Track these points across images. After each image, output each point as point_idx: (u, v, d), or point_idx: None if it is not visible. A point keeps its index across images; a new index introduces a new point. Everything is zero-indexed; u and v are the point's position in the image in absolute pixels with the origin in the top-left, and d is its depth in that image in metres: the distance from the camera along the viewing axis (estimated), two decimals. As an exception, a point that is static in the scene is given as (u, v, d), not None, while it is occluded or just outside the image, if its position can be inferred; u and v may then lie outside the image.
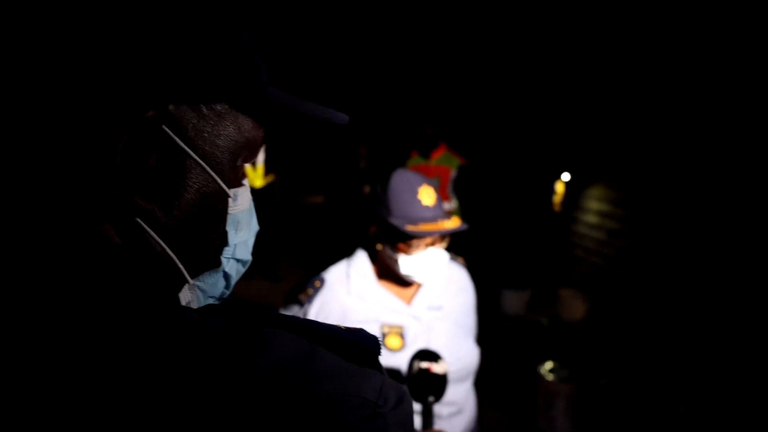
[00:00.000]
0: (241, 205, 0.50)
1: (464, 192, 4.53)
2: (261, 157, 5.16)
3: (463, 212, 4.56)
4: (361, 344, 0.44)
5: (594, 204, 4.72)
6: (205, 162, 0.45)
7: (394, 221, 1.30)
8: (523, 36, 5.32)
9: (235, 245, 0.51)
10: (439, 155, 4.45)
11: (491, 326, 4.31)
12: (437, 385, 1.14)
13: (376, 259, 1.43)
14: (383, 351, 1.31)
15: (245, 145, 0.49)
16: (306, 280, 1.41)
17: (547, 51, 5.13)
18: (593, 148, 4.77)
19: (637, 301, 4.00)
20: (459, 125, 6.14)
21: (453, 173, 4.43)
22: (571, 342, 4.07)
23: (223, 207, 0.48)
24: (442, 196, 4.38)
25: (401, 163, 4.59)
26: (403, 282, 1.41)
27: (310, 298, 1.35)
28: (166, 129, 0.43)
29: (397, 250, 1.33)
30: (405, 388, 0.46)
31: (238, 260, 0.52)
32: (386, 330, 1.33)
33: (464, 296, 1.50)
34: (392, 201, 1.32)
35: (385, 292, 1.39)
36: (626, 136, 4.33)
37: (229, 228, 0.49)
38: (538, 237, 5.45)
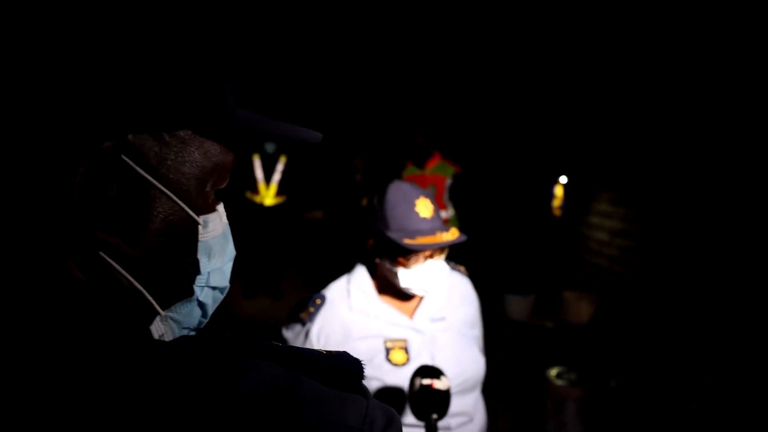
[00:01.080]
0: (213, 232, 0.49)
1: (461, 200, 4.53)
2: (277, 177, 5.23)
3: (460, 220, 4.55)
4: (344, 368, 0.43)
5: (595, 204, 4.71)
6: (169, 190, 0.44)
7: (392, 235, 1.28)
8: (513, 40, 5.35)
9: (209, 273, 0.49)
10: (434, 164, 4.46)
11: (497, 332, 4.29)
12: (440, 401, 1.11)
13: (375, 272, 1.41)
14: (388, 366, 1.29)
15: (213, 170, 0.47)
16: (307, 299, 1.40)
17: (539, 55, 5.15)
18: (591, 150, 4.77)
19: (643, 299, 3.98)
20: (452, 133, 6.15)
21: (448, 182, 4.44)
22: (578, 344, 4.04)
23: (193, 235, 0.47)
24: (438, 204, 4.37)
25: (397, 173, 4.59)
26: (404, 295, 1.39)
27: (311, 316, 1.34)
28: (126, 159, 0.42)
29: (395, 263, 1.32)
30: (393, 410, 0.45)
31: (213, 288, 0.51)
32: (390, 345, 1.32)
33: (467, 306, 1.48)
34: (389, 214, 1.31)
35: (386, 306, 1.38)
36: (624, 135, 4.34)
37: (201, 256, 0.48)
38: (540, 240, 5.44)
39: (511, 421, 3.27)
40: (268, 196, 5.27)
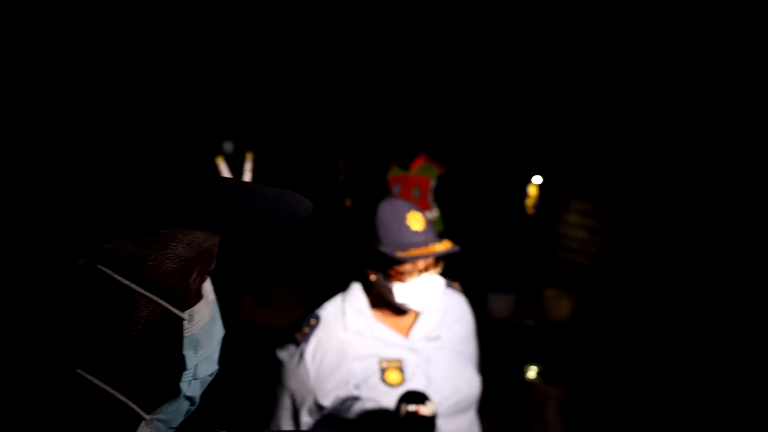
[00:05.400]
0: (200, 322, 0.45)
1: (445, 200, 4.57)
2: (248, 177, 5.07)
3: (444, 221, 4.61)
4: None
5: (573, 203, 4.80)
6: (151, 292, 0.41)
7: (384, 249, 1.30)
8: (493, 42, 5.39)
9: (196, 365, 0.46)
10: (419, 165, 4.49)
11: (479, 331, 4.35)
12: (426, 428, 1.13)
13: (371, 290, 1.42)
14: (384, 387, 1.31)
15: (197, 259, 0.43)
16: (301, 318, 1.41)
17: (516, 58, 5.21)
18: (569, 150, 4.85)
19: (622, 297, 4.08)
20: (436, 134, 6.20)
21: (433, 183, 4.48)
22: (558, 342, 4.14)
23: (178, 332, 0.43)
24: (423, 205, 4.42)
25: (381, 174, 4.62)
26: (399, 312, 1.40)
27: (306, 337, 1.35)
28: (102, 268, 0.38)
29: (390, 278, 1.33)
30: None
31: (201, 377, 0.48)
32: (385, 365, 1.33)
33: (462, 323, 1.50)
34: (381, 230, 1.33)
35: (381, 326, 1.39)
36: (601, 137, 4.42)
37: (187, 351, 0.44)
38: (521, 239, 5.53)
39: (494, 424, 3.33)
40: None
